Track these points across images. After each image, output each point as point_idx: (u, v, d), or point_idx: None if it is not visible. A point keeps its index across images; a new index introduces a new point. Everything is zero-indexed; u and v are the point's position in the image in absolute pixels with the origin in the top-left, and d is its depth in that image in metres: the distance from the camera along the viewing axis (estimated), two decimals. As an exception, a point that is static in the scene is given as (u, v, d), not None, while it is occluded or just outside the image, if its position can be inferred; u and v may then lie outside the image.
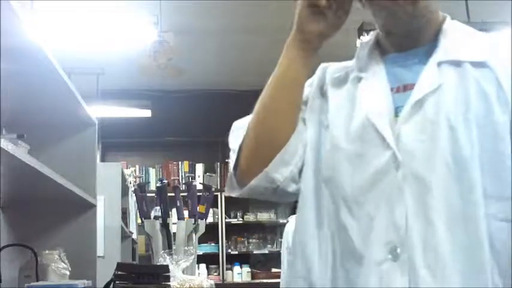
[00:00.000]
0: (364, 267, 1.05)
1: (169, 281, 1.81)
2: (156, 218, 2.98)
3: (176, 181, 6.77)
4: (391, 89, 1.15)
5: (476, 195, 1.01)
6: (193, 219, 2.98)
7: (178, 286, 2.28)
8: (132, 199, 4.64)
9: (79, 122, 2.49)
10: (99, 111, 5.47)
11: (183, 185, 3.47)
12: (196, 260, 2.84)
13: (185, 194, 3.11)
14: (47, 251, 2.09)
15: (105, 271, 2.20)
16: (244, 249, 6.93)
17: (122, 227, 4.11)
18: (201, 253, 6.21)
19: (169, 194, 2.97)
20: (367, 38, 1.29)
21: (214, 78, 6.68)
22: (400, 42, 1.19)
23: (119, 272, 1.26)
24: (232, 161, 1.21)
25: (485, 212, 1.01)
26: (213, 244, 6.74)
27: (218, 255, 6.70)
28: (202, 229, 3.03)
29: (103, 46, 5.36)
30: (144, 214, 3.01)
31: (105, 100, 6.31)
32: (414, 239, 1.02)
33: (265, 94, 1.21)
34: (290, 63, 1.20)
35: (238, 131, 1.24)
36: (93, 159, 2.57)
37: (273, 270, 6.85)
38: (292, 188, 1.19)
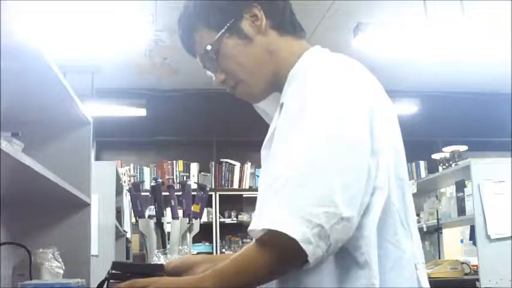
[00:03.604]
0: None
1: (163, 280, 1.80)
2: (150, 217, 2.98)
3: (171, 180, 6.75)
4: None
5: None
6: (187, 219, 2.98)
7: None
8: (126, 198, 4.63)
9: (74, 121, 2.48)
10: (93, 110, 5.46)
11: (178, 185, 3.47)
12: (190, 259, 2.84)
13: (179, 193, 3.10)
14: (40, 250, 2.09)
15: (99, 270, 2.20)
16: (238, 249, 6.93)
17: (116, 226, 4.10)
18: (195, 252, 6.19)
19: (163, 193, 2.97)
20: None
21: (209, 78, 6.67)
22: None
23: (113, 271, 1.26)
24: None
25: None
26: (207, 244, 6.74)
27: (212, 254, 6.70)
28: (196, 228, 3.03)
29: (98, 45, 5.35)
30: (138, 213, 3.00)
31: (99, 99, 6.30)
32: None
33: None
34: None
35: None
36: (87, 157, 2.56)
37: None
38: None
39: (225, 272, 1.10)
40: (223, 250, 6.84)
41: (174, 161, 7.01)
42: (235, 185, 7.03)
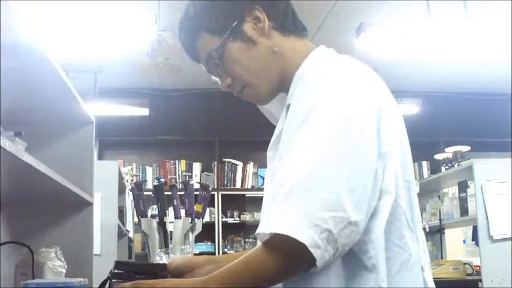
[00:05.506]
0: None
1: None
2: (152, 216, 2.98)
3: (173, 180, 6.77)
4: None
5: None
6: (190, 218, 2.98)
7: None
8: (129, 197, 4.64)
9: (77, 120, 2.49)
10: (96, 109, 5.47)
11: (180, 184, 3.47)
12: (192, 259, 2.84)
13: (182, 192, 3.10)
14: (43, 249, 2.09)
15: (102, 269, 2.20)
16: (240, 249, 6.93)
17: (119, 225, 4.11)
18: (197, 252, 6.21)
19: (166, 193, 2.97)
20: None
21: (211, 77, 6.67)
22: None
23: (116, 270, 1.26)
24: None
25: None
26: (209, 243, 6.74)
27: (214, 254, 6.70)
28: (199, 228, 3.03)
29: (101, 44, 5.35)
30: (140, 212, 3.00)
31: (102, 98, 6.30)
32: None
33: None
34: None
35: None
36: (90, 157, 2.57)
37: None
38: None
39: (232, 274, 1.10)
40: (226, 250, 6.84)
41: (177, 161, 7.01)
42: (238, 185, 7.03)
